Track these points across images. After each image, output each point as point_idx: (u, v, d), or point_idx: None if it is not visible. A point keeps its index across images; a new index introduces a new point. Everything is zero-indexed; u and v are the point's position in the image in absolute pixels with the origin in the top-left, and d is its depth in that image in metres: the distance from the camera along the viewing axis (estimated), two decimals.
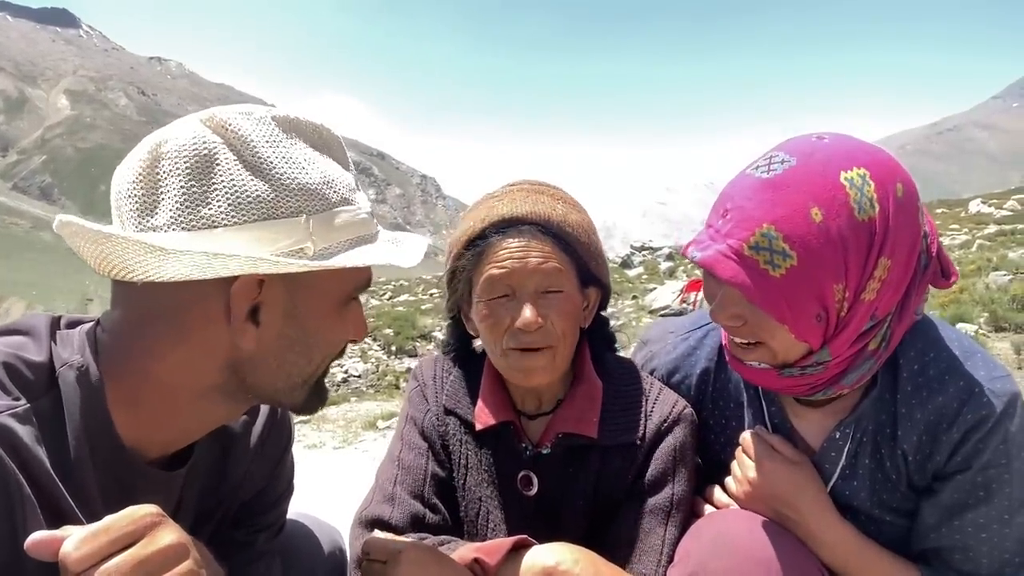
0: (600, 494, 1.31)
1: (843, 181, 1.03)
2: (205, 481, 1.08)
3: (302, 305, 0.92)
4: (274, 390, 0.96)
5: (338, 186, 0.93)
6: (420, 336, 16.79)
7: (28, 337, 0.90)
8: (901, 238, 1.06)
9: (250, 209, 0.85)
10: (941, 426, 1.15)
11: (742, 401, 1.36)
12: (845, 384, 1.16)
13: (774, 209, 1.03)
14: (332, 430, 8.03)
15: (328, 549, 1.43)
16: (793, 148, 1.09)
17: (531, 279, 1.22)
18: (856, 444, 1.23)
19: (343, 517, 1.64)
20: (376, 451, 6.54)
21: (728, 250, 1.06)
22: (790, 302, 1.05)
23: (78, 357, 0.88)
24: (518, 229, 1.23)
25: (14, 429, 0.79)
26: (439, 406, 1.39)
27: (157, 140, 0.87)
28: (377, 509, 1.28)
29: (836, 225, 1.02)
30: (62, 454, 0.85)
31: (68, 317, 0.97)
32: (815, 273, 1.03)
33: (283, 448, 1.22)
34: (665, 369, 1.44)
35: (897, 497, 1.22)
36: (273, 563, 1.22)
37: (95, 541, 0.69)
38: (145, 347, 0.89)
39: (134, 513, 0.73)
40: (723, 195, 1.13)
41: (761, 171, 1.08)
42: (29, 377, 0.85)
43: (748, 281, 1.04)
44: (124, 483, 0.91)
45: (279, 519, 1.25)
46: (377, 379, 14.62)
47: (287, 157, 0.88)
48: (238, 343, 0.88)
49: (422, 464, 1.33)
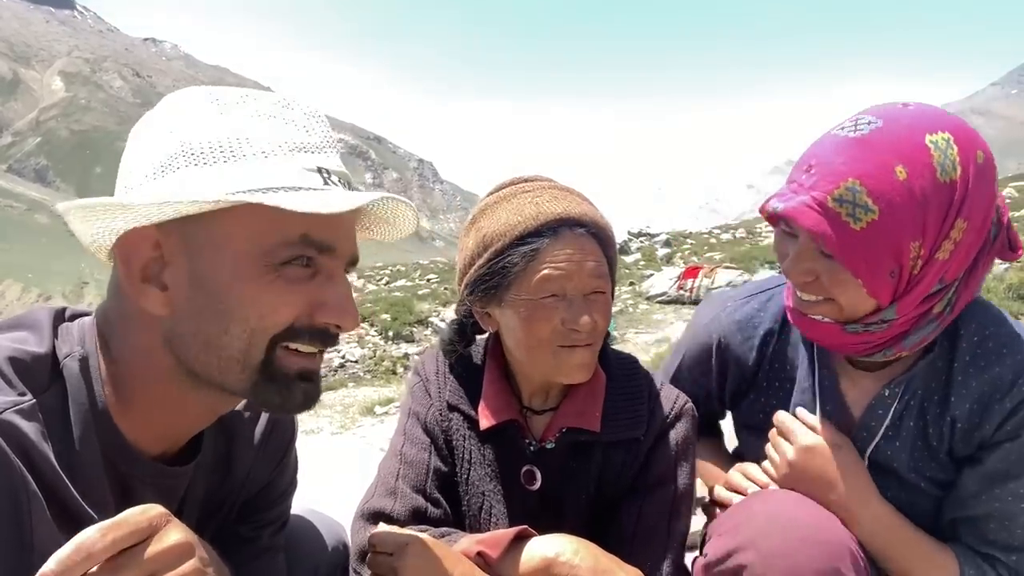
0: (603, 488, 1.32)
1: (928, 143, 1.08)
2: (210, 477, 1.07)
3: (205, 264, 0.85)
4: (207, 368, 0.88)
5: (257, 142, 0.86)
6: (417, 321, 16.80)
7: (30, 331, 0.90)
8: (977, 203, 1.10)
9: (157, 167, 0.85)
10: (994, 396, 1.19)
11: (797, 364, 1.39)
12: (905, 346, 1.20)
13: (860, 165, 1.08)
14: (329, 416, 8.06)
15: (331, 544, 1.43)
16: (879, 112, 1.13)
17: (587, 282, 1.23)
18: (903, 406, 1.26)
19: (340, 504, 1.65)
20: (374, 437, 6.56)
21: (812, 201, 1.10)
22: (867, 256, 1.09)
23: (79, 349, 0.88)
24: (574, 231, 1.23)
25: (20, 426, 0.79)
26: (442, 401, 1.39)
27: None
28: (379, 502, 1.28)
29: (919, 184, 1.06)
30: (68, 450, 0.84)
31: (72, 309, 0.97)
32: (895, 229, 1.07)
33: (286, 444, 1.21)
34: (729, 331, 1.46)
35: (934, 465, 1.26)
36: (277, 558, 1.22)
37: (117, 532, 0.69)
38: (115, 331, 0.89)
39: (141, 512, 0.72)
40: (806, 155, 1.16)
41: (848, 131, 1.12)
42: (34, 371, 0.84)
43: (829, 231, 1.08)
44: (126, 479, 0.91)
45: (283, 514, 1.25)
46: (374, 364, 14.64)
47: (199, 120, 0.87)
48: (146, 308, 0.86)
49: (424, 459, 1.33)
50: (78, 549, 0.67)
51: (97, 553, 0.67)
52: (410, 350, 15.67)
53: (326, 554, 1.40)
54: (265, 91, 0.95)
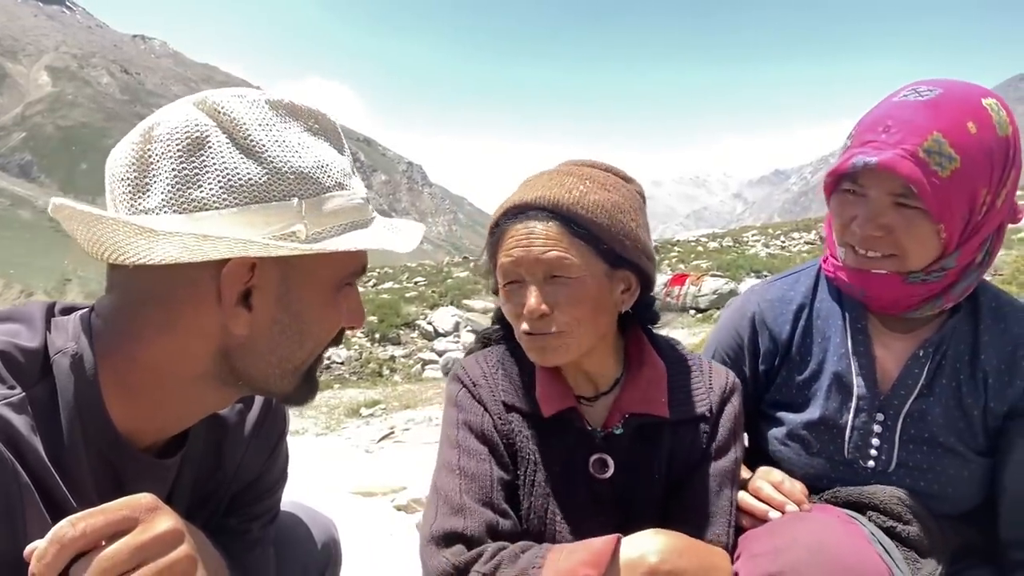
0: (674, 467, 1.33)
1: (985, 105, 1.23)
2: (199, 469, 1.08)
3: (295, 290, 0.91)
4: (264, 377, 0.95)
5: (332, 171, 0.93)
6: (404, 324, 16.78)
7: (23, 324, 0.90)
8: (1019, 158, 1.26)
9: (242, 192, 0.84)
10: (1018, 353, 1.33)
11: (829, 334, 1.46)
12: (954, 294, 1.32)
13: (938, 121, 1.20)
14: (315, 416, 8.02)
15: (322, 539, 1.42)
16: (932, 83, 1.28)
17: (536, 266, 1.21)
18: (935, 364, 1.36)
19: (325, 504, 1.65)
20: (358, 438, 6.54)
21: (904, 152, 1.20)
22: (950, 202, 1.21)
23: (72, 344, 0.88)
24: (526, 215, 1.23)
25: (10, 419, 0.80)
26: (498, 404, 1.34)
27: (150, 123, 0.87)
28: (447, 522, 1.20)
29: (988, 137, 1.21)
30: (57, 442, 0.85)
31: (63, 303, 0.97)
32: (972, 177, 1.20)
33: (277, 437, 1.22)
34: (764, 307, 1.53)
35: (964, 426, 1.34)
36: (267, 551, 1.22)
37: (91, 520, 0.70)
38: (136, 332, 0.89)
39: (124, 502, 0.73)
40: (874, 119, 1.27)
41: (913, 96, 1.25)
42: (24, 365, 0.85)
43: (924, 179, 1.19)
44: (118, 470, 0.91)
45: (273, 507, 1.25)
46: (360, 366, 14.60)
47: (280, 140, 0.88)
48: (230, 328, 0.88)
49: (487, 469, 1.27)
50: (52, 541, 0.68)
51: (69, 544, 0.68)
52: (396, 352, 15.64)
53: (316, 549, 1.40)
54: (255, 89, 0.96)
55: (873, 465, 1.37)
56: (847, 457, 1.39)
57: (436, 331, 16.39)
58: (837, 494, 1.37)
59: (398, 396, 9.38)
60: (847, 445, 1.39)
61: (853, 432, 1.38)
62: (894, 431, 1.36)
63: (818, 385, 1.44)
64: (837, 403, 1.41)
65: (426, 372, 14.25)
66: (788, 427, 1.45)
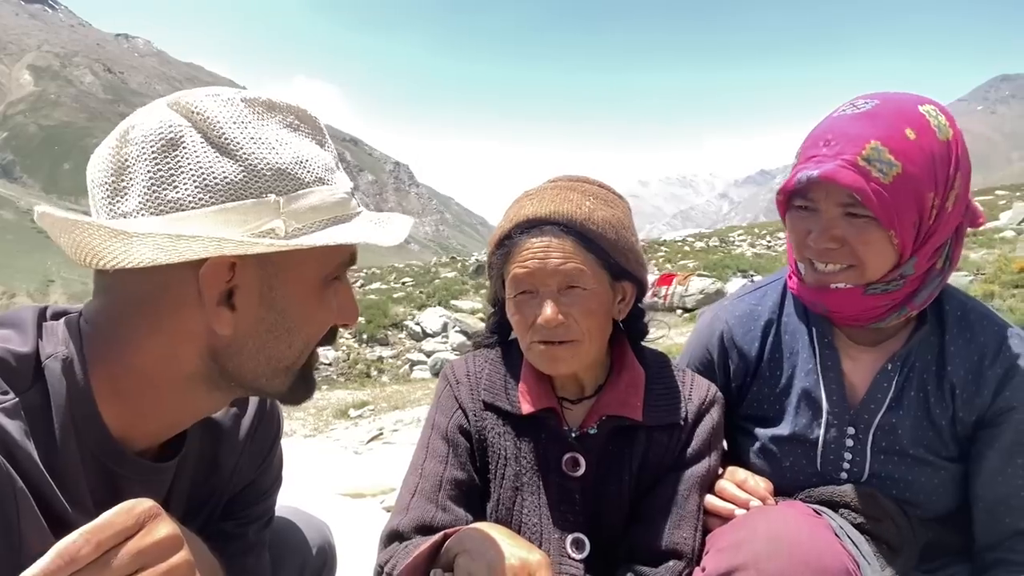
0: (645, 471, 1.36)
1: (922, 111, 1.25)
2: (195, 473, 1.08)
3: (279, 288, 0.91)
4: (255, 377, 0.94)
5: (312, 166, 0.92)
6: (392, 324, 16.75)
7: (14, 329, 0.89)
8: (965, 160, 1.28)
9: (218, 190, 0.84)
10: (983, 363, 1.33)
11: (797, 349, 1.48)
12: (916, 303, 1.32)
13: (875, 130, 1.22)
14: (303, 418, 7.99)
15: (316, 543, 1.43)
16: (869, 95, 1.30)
17: (552, 278, 1.27)
18: (903, 378, 1.37)
19: (315, 506, 1.65)
20: (347, 440, 6.52)
21: (844, 163, 1.22)
22: (897, 207, 1.22)
23: (63, 348, 0.88)
24: (540, 229, 1.28)
25: (3, 424, 0.79)
26: (476, 402, 1.41)
27: (126, 127, 0.87)
28: (391, 522, 1.30)
29: (927, 142, 1.22)
30: (51, 448, 0.84)
31: (54, 308, 0.96)
32: (916, 180, 1.21)
33: (272, 440, 1.22)
34: (731, 325, 1.54)
35: (933, 435, 1.35)
36: (263, 555, 1.22)
37: (101, 535, 0.69)
38: (122, 336, 0.88)
39: (128, 510, 0.73)
40: (817, 134, 1.30)
41: (851, 110, 1.28)
42: (17, 370, 0.84)
43: (866, 186, 1.20)
44: (112, 475, 0.91)
45: (268, 511, 1.26)
46: (348, 367, 14.56)
47: (256, 137, 0.88)
48: (214, 328, 0.88)
49: (440, 470, 1.34)
50: (61, 555, 0.66)
51: (82, 558, 0.67)
52: (384, 353, 15.60)
53: (311, 553, 1.41)
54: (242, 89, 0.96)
55: (846, 477, 1.38)
56: (820, 470, 1.40)
57: (424, 332, 16.38)
58: (811, 494, 1.39)
59: (386, 397, 9.36)
60: (819, 459, 1.40)
61: (825, 446, 1.40)
62: (866, 444, 1.37)
63: (788, 400, 1.46)
64: (807, 418, 1.42)
65: (414, 373, 14.24)
66: (761, 441, 1.47)
